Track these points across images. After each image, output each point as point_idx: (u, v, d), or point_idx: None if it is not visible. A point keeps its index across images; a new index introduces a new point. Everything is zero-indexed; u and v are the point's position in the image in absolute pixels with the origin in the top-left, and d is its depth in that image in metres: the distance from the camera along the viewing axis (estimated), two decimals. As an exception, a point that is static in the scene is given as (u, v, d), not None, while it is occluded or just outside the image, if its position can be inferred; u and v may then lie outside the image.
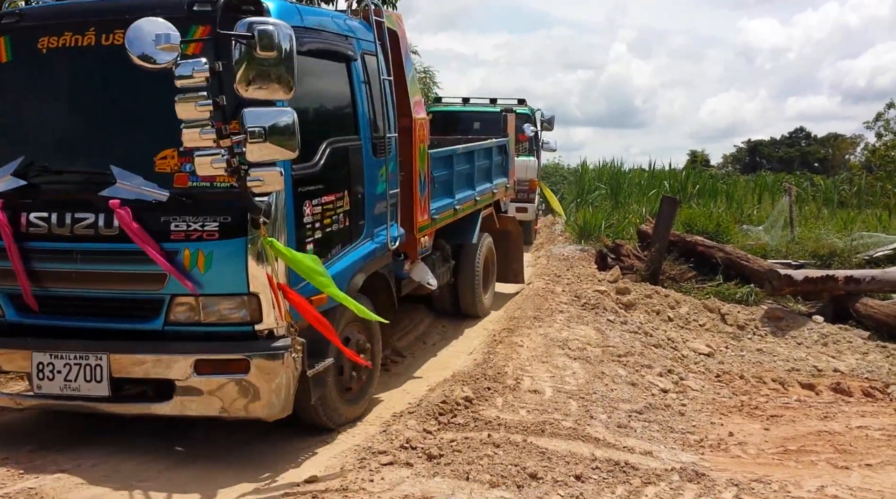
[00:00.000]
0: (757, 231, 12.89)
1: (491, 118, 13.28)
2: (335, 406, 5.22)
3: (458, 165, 8.05)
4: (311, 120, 4.75)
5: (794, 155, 51.67)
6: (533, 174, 14.75)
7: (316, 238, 4.85)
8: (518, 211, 14.05)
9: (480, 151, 9.00)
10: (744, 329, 8.25)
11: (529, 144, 14.74)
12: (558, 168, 31.57)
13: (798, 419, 5.67)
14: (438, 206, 7.31)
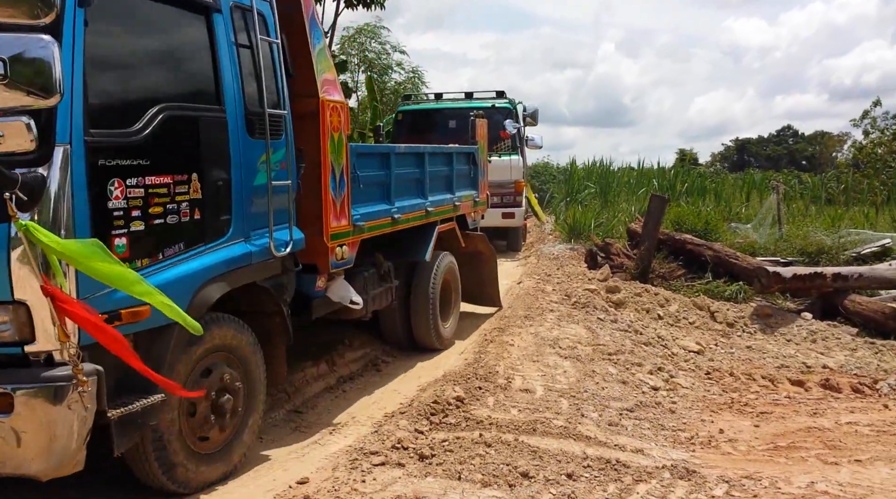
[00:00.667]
0: (745, 229, 12.94)
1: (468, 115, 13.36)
2: (183, 463, 4.07)
3: (401, 168, 6.79)
4: (133, 75, 3.81)
5: (782, 153, 51.98)
6: (518, 175, 14.02)
7: (132, 231, 3.64)
8: (505, 217, 13.63)
9: (437, 155, 7.79)
10: (733, 327, 8.28)
11: (512, 142, 13.94)
12: (547, 167, 31.56)
13: (788, 416, 5.70)
14: (367, 211, 6.04)
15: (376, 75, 27.45)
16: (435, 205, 7.44)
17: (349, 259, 5.74)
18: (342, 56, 24.75)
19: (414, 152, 7.29)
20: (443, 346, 7.63)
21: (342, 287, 5.71)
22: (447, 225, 7.85)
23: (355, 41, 28.19)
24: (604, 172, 21.39)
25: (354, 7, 15.88)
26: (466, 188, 8.60)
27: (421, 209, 7.15)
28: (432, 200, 7.41)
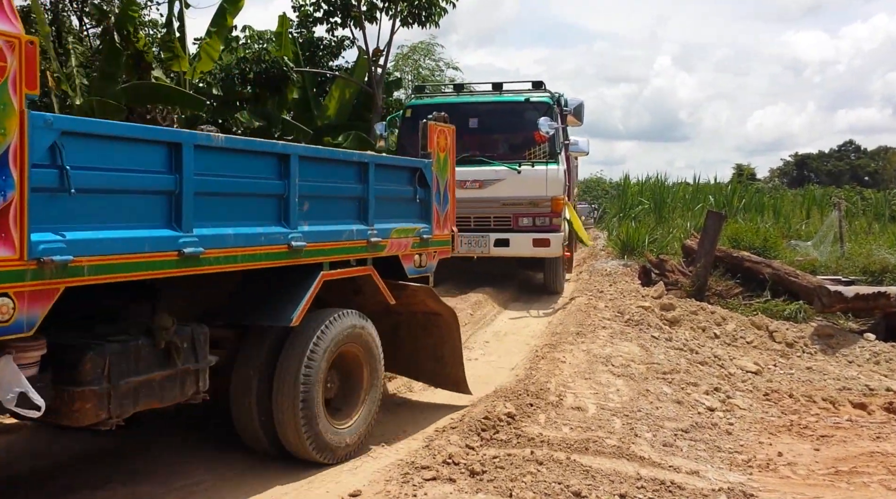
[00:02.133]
0: (805, 246, 12.67)
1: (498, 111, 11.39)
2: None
3: (212, 172, 4.07)
4: None
5: (844, 168, 50.70)
6: (557, 189, 10.80)
7: None
8: (537, 245, 10.71)
9: (324, 162, 5.00)
10: (792, 347, 8.09)
11: (550, 147, 10.91)
12: (600, 182, 31.28)
13: (849, 439, 5.53)
14: (95, 238, 3.42)
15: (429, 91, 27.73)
16: (316, 238, 4.76)
17: (16, 320, 3.10)
18: (396, 73, 25.06)
19: (253, 150, 4.43)
20: (331, 458, 4.85)
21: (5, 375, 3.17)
22: (351, 270, 5.22)
23: (409, 58, 28.52)
24: (658, 188, 21.15)
25: (410, 26, 16.07)
26: (404, 219, 5.80)
27: (279, 244, 4.49)
28: (310, 229, 4.72)
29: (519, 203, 10.69)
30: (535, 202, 10.74)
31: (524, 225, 10.83)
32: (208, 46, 12.13)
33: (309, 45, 16.39)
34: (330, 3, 15.64)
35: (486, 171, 10.91)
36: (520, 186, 10.43)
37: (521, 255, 11.02)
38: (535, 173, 10.82)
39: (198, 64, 12.23)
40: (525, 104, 11.31)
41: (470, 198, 10.42)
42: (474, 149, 11.06)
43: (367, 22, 16.01)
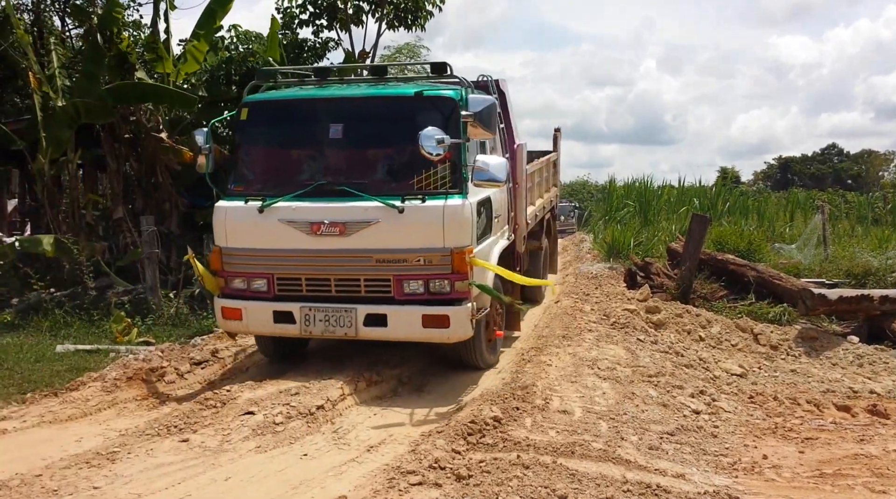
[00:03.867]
0: (789, 249, 12.75)
1: (375, 111, 7.07)
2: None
3: None
4: None
5: (827, 172, 51.13)
6: (461, 237, 6.58)
7: None
8: (430, 323, 6.54)
9: None
10: (777, 349, 8.12)
11: (453, 167, 6.68)
12: (586, 185, 31.37)
13: (834, 442, 5.56)
14: None
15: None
16: None
17: None
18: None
19: None
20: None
21: None
22: None
23: (395, 60, 28.48)
24: (643, 191, 21.22)
25: (396, 28, 16.05)
26: None
27: None
28: None
29: (402, 258, 6.49)
30: (428, 257, 6.48)
31: (411, 293, 6.56)
32: (194, 48, 12.03)
33: (293, 46, 16.31)
34: (316, 5, 15.60)
35: (351, 208, 6.54)
36: (404, 232, 6.45)
37: (405, 338, 6.74)
38: (427, 212, 6.48)
39: (182, 66, 12.13)
40: (416, 100, 6.94)
41: (327, 250, 6.58)
42: (334, 173, 6.92)
43: (353, 24, 15.98)
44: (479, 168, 6.57)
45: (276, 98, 7.46)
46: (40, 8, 13.82)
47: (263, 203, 6.71)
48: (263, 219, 6.71)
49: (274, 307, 6.78)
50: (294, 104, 7.34)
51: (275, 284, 6.81)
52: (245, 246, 6.84)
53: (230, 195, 7.01)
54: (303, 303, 6.72)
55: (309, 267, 6.72)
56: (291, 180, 6.95)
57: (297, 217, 6.64)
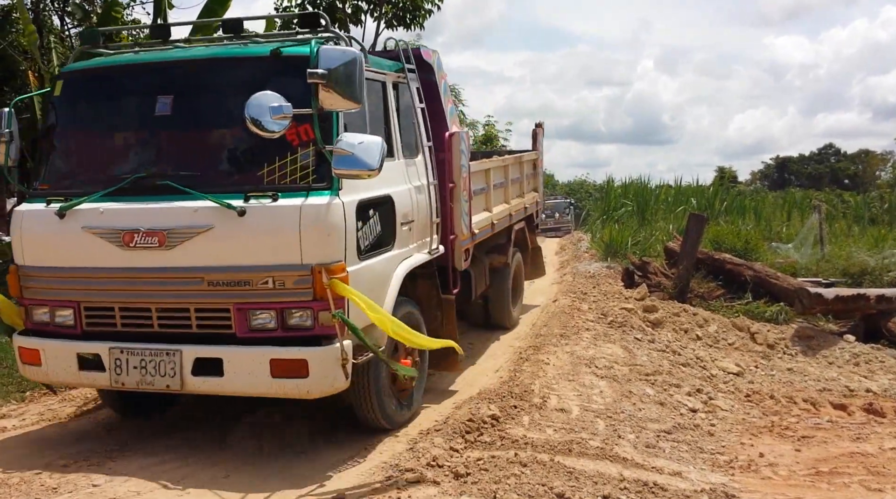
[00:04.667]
0: (786, 249, 12.76)
1: (216, 78, 5.21)
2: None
3: None
4: None
5: (824, 171, 51.20)
6: (327, 251, 4.72)
7: None
8: (281, 371, 4.70)
9: None
10: (774, 348, 8.15)
11: (317, 156, 4.79)
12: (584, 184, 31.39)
13: (830, 440, 5.59)
14: None
15: (413, 93, 27.67)
16: None
17: None
18: (380, 74, 24.97)
19: None
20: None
21: None
22: None
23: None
24: (641, 190, 21.20)
25: (395, 28, 16.05)
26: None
27: None
28: None
29: (244, 279, 4.70)
30: (280, 278, 4.69)
31: (259, 328, 4.77)
32: (192, 47, 12.09)
33: (292, 46, 16.36)
34: (315, 4, 15.60)
35: (174, 210, 4.84)
36: (246, 244, 4.70)
37: (248, 391, 4.85)
38: (278, 215, 4.72)
39: (181, 64, 12.18)
40: (268, 62, 5.05)
41: (144, 269, 4.89)
42: (160, 162, 5.19)
43: (351, 24, 15.98)
44: (340, 151, 4.54)
45: (94, 66, 5.49)
46: (40, 7, 13.83)
47: (63, 205, 4.93)
48: (65, 227, 4.94)
49: (78, 348, 5.00)
50: (114, 72, 5.41)
51: (82, 317, 5.02)
52: (45, 264, 5.08)
53: (34, 197, 5.22)
54: (114, 343, 4.91)
55: (122, 292, 4.93)
56: (105, 174, 5.14)
57: (105, 223, 4.85)
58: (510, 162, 9.24)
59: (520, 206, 9.37)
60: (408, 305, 5.76)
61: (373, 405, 5.33)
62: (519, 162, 9.74)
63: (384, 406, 5.42)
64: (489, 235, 7.95)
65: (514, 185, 9.29)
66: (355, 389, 5.10)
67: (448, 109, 6.98)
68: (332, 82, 4.50)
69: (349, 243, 4.82)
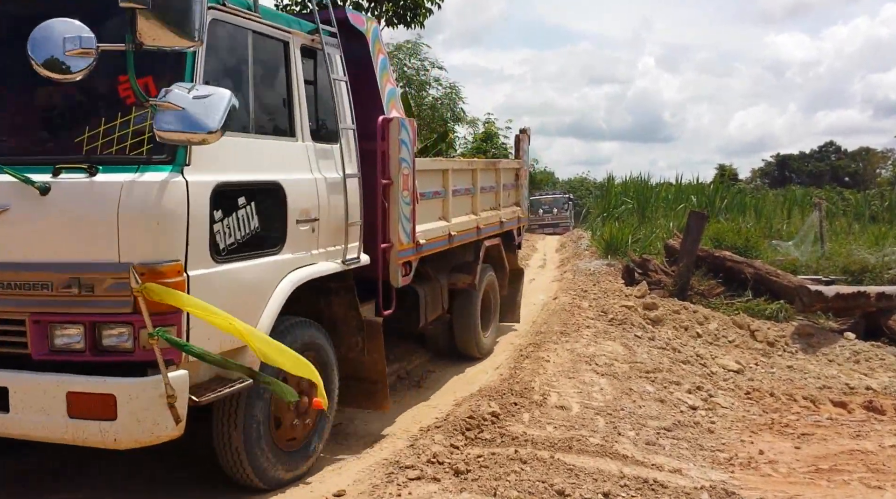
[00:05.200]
0: (786, 246, 12.77)
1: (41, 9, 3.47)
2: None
3: None
4: None
5: (824, 169, 51.15)
6: (161, 247, 3.53)
7: None
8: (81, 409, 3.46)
9: None
10: (774, 346, 8.16)
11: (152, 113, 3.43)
12: (584, 182, 31.34)
13: (830, 438, 5.59)
14: None
15: (414, 91, 27.65)
16: None
17: None
18: (380, 71, 24.96)
19: None
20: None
21: None
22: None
23: (395, 58, 28.47)
24: (641, 188, 21.24)
25: (395, 26, 16.02)
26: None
27: None
28: None
29: (44, 280, 3.50)
30: (89, 280, 3.48)
31: (63, 348, 3.55)
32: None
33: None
34: (314, 1, 15.61)
35: None
36: (49, 232, 3.53)
37: (41, 435, 3.60)
38: (92, 196, 3.51)
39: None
40: None
41: None
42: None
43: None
44: (167, 106, 3.31)
45: None
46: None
47: None
48: None
49: None
50: None
51: None
52: None
53: None
54: None
55: None
56: None
57: None
58: (480, 166, 7.82)
59: (493, 219, 7.97)
60: (306, 328, 4.59)
61: (238, 457, 4.15)
62: (493, 168, 8.36)
63: (255, 459, 4.19)
64: (444, 248, 6.62)
65: (487, 194, 7.95)
66: (216, 434, 4.12)
67: (386, 90, 5.89)
68: (153, 9, 3.21)
69: (196, 239, 3.65)
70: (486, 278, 7.90)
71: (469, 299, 7.52)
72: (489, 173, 8.13)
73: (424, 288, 6.59)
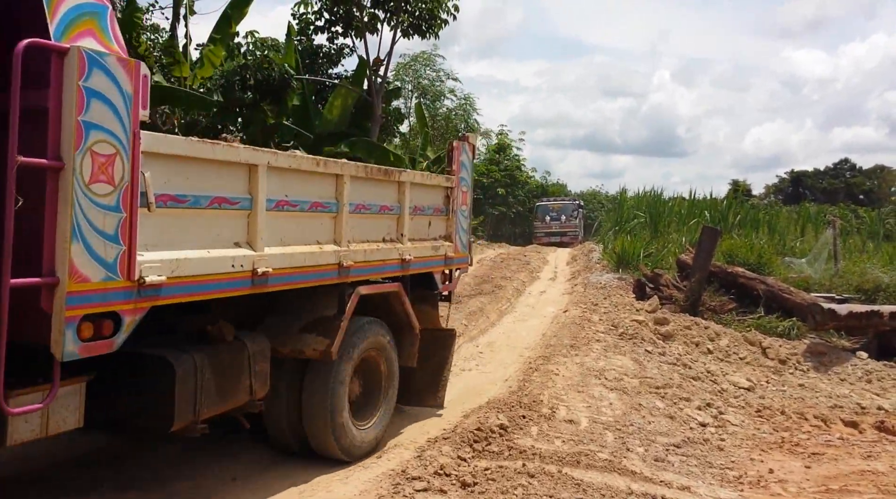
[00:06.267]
0: (800, 264, 12.70)
1: None
2: None
3: None
4: None
5: (839, 186, 50.86)
6: None
7: None
8: None
9: None
10: (785, 364, 8.11)
11: None
12: (597, 195, 31.26)
13: (840, 458, 5.55)
14: None
15: (429, 101, 27.77)
16: None
17: None
18: (396, 82, 25.11)
19: None
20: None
21: None
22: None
23: (410, 68, 28.59)
24: (654, 202, 21.17)
25: (411, 36, 16.12)
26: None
27: None
28: None
29: None
30: None
31: None
32: (210, 53, 12.18)
33: (308, 52, 16.43)
34: (332, 12, 15.69)
35: None
36: None
37: None
38: None
39: (199, 70, 12.27)
40: None
41: None
42: None
43: (368, 32, 16.06)
44: None
45: None
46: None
47: None
48: None
49: None
50: None
51: None
52: None
53: None
54: None
55: None
56: None
57: None
58: (351, 172, 5.10)
59: (383, 256, 5.46)
60: None
61: None
62: (388, 180, 5.62)
63: None
64: (241, 291, 4.16)
65: (373, 218, 5.43)
66: None
67: None
68: None
69: None
70: (367, 343, 5.33)
71: (323, 375, 5.00)
72: (379, 187, 5.51)
73: (195, 359, 3.98)
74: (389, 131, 18.32)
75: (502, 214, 37.94)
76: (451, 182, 6.56)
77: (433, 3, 15.59)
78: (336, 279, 4.96)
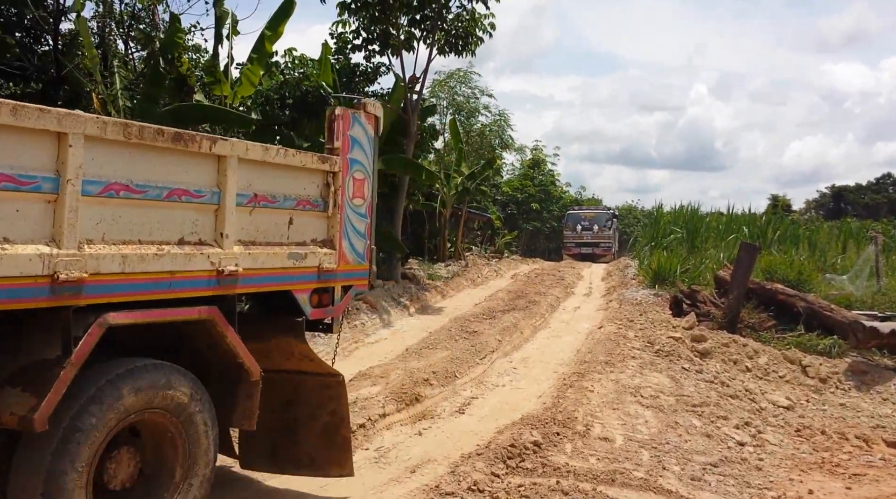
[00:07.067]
0: (841, 280, 12.48)
1: None
2: None
3: None
4: None
5: (882, 201, 49.85)
6: None
7: None
8: None
9: None
10: (826, 382, 7.97)
11: None
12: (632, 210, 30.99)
13: (883, 479, 5.44)
14: None
15: (463, 118, 27.90)
16: None
17: None
18: (432, 99, 25.29)
19: None
20: None
21: None
22: None
23: (445, 85, 28.78)
24: (691, 217, 20.94)
25: (447, 54, 16.27)
26: None
27: None
28: None
29: None
30: None
31: None
32: (249, 72, 12.44)
33: (346, 70, 16.66)
34: (369, 31, 15.91)
35: None
36: None
37: None
38: None
39: (238, 88, 12.53)
40: None
41: None
42: None
43: (404, 50, 16.25)
44: None
45: None
46: (105, 31, 14.38)
47: None
48: None
49: None
50: None
51: None
52: None
53: None
54: None
55: None
56: None
57: None
58: (81, 128, 3.21)
59: (181, 266, 3.67)
60: None
61: None
62: (187, 149, 3.87)
63: None
64: None
65: (144, 206, 3.58)
66: None
67: None
68: None
69: None
70: (134, 400, 3.42)
71: (38, 456, 3.20)
72: (166, 160, 3.77)
73: None
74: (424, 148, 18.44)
75: (536, 230, 37.90)
76: (330, 165, 4.64)
77: (469, 21, 15.72)
78: (49, 300, 3.09)
